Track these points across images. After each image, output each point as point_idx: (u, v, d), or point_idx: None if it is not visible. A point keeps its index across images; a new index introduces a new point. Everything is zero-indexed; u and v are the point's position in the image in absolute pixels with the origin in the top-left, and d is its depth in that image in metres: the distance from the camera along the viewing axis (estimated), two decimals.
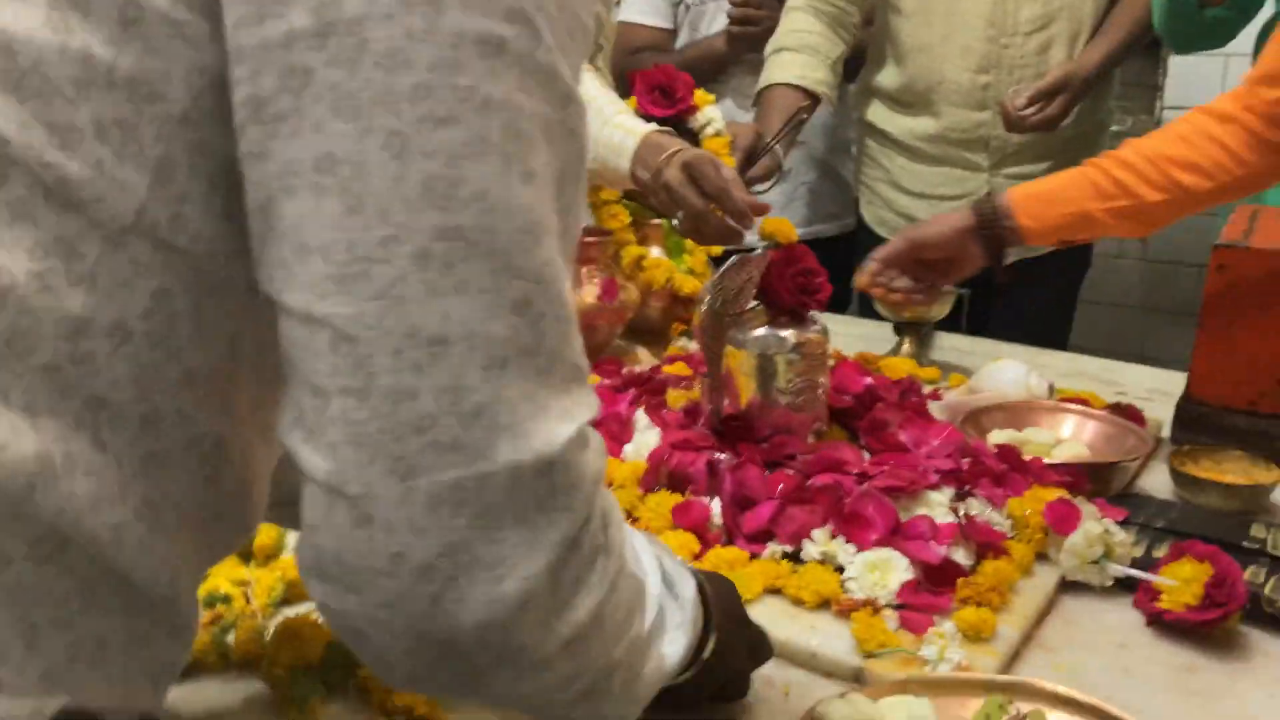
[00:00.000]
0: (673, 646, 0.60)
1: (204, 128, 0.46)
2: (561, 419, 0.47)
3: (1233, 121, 1.14)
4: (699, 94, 1.57)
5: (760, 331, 1.09)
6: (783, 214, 1.79)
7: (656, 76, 1.55)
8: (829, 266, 1.13)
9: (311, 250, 0.43)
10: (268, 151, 0.44)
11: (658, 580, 0.60)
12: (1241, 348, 1.22)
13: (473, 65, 0.44)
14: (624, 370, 1.38)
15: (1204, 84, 2.50)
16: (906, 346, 1.55)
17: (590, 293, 1.43)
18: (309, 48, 0.43)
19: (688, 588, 0.63)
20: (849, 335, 1.63)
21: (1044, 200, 1.29)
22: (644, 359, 1.50)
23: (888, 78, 1.86)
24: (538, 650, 0.48)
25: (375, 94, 0.42)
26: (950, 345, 1.68)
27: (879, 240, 1.63)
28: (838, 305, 1.88)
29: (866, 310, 1.67)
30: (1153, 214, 1.24)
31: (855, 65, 1.96)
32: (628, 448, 1.12)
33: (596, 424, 1.18)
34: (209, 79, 0.46)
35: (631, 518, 0.99)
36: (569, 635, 0.49)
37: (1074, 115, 1.76)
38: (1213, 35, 1.66)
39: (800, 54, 1.79)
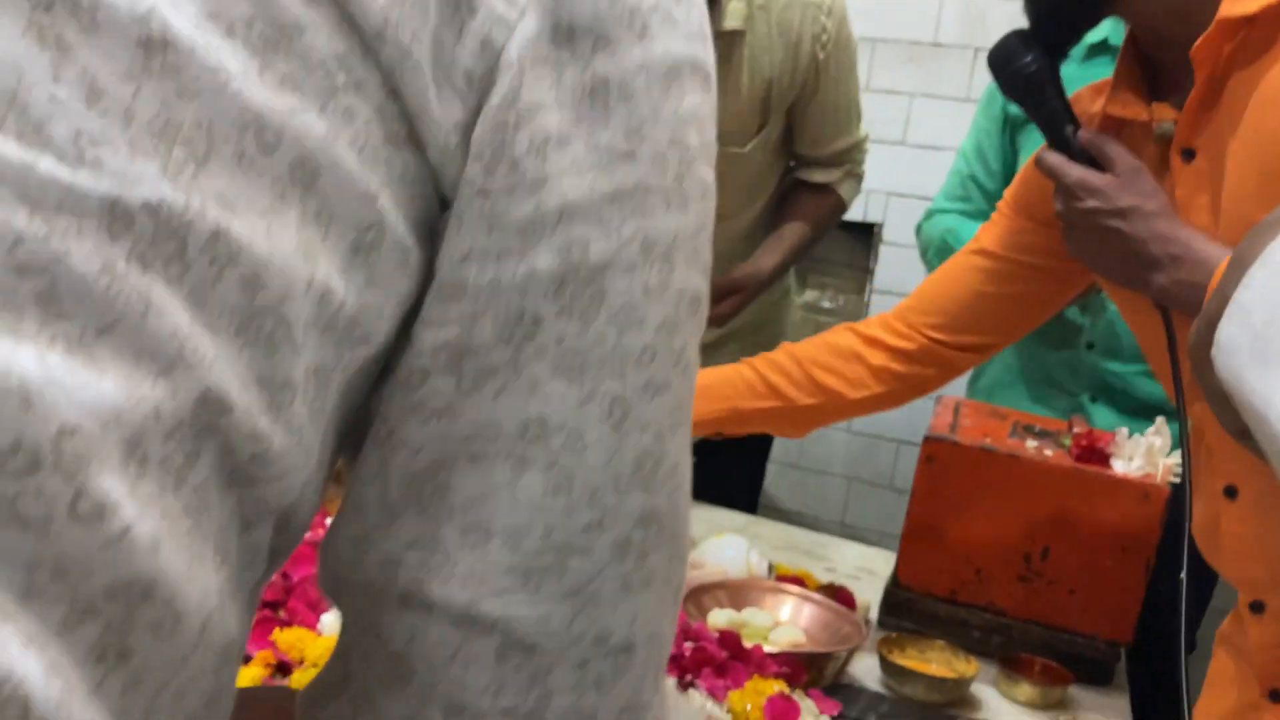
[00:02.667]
0: None
1: (367, 376, 0.35)
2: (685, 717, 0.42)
3: (877, 345, 1.23)
4: None
5: None
6: None
7: None
8: None
9: (494, 534, 0.34)
10: (455, 409, 0.34)
11: None
12: (945, 538, 1.27)
13: (685, 325, 0.38)
14: (328, 521, 1.26)
15: (907, 270, 2.72)
16: None
17: None
18: (545, 295, 0.35)
19: None
20: None
21: (699, 394, 1.31)
22: None
23: None
24: None
25: (604, 354, 0.35)
26: None
27: None
28: None
29: None
30: (801, 416, 1.29)
31: None
32: (325, 619, 1.01)
33: (294, 590, 1.06)
34: (401, 319, 0.35)
35: None
36: None
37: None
38: None
39: None
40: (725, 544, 1.30)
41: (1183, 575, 0.89)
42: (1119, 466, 1.24)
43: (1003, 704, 1.15)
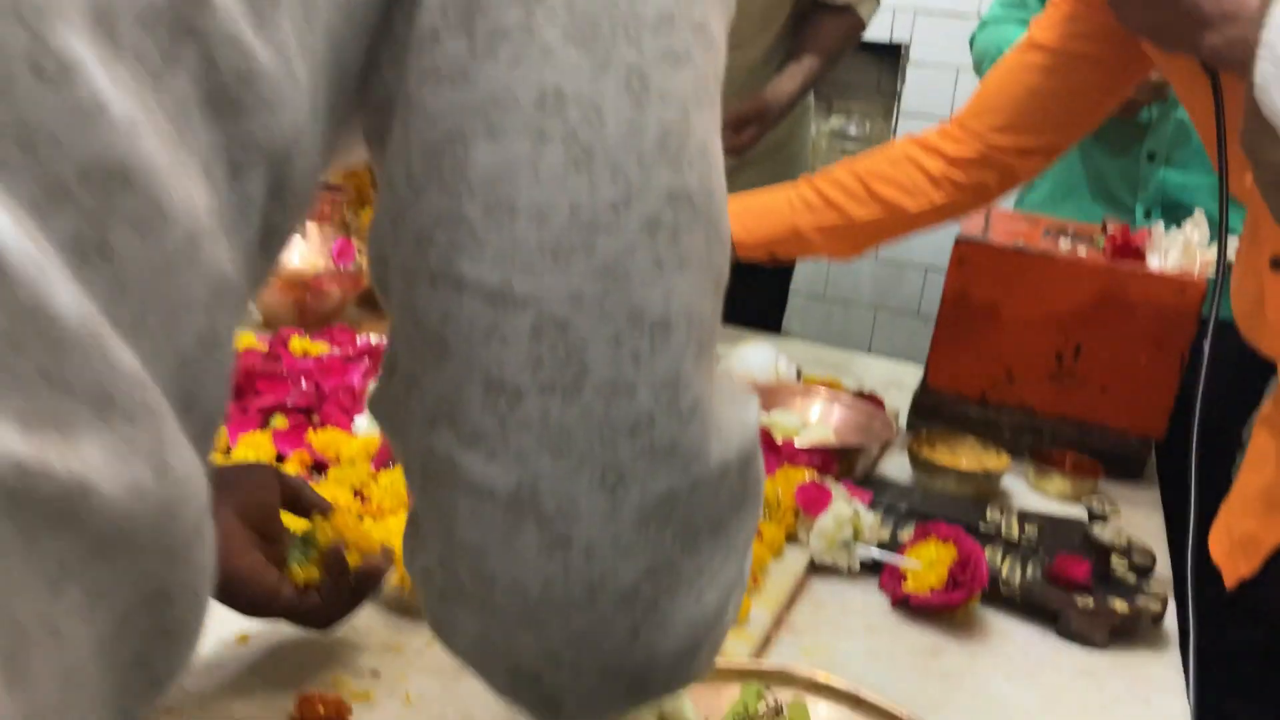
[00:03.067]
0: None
1: (363, 26, 0.34)
2: (738, 401, 0.41)
3: (935, 153, 1.21)
4: None
5: None
6: None
7: None
8: None
9: (518, 212, 0.34)
10: (469, 75, 0.33)
11: None
12: (975, 341, 1.26)
13: None
14: (357, 340, 1.27)
15: (937, 93, 2.64)
16: None
17: (323, 254, 1.31)
18: None
19: None
20: None
21: (755, 214, 1.30)
22: (379, 329, 1.39)
23: None
24: (713, 657, 0.42)
25: (617, 18, 0.34)
26: None
27: None
28: None
29: None
30: (860, 233, 1.26)
31: None
32: (359, 420, 1.02)
33: (326, 397, 1.07)
34: None
35: (362, 497, 0.89)
36: (726, 631, 0.44)
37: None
38: None
39: None
40: (752, 350, 1.30)
41: (1205, 343, 0.89)
42: (1154, 262, 1.21)
43: (1033, 497, 1.16)
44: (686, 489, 0.37)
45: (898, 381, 1.52)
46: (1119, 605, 0.87)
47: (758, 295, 1.90)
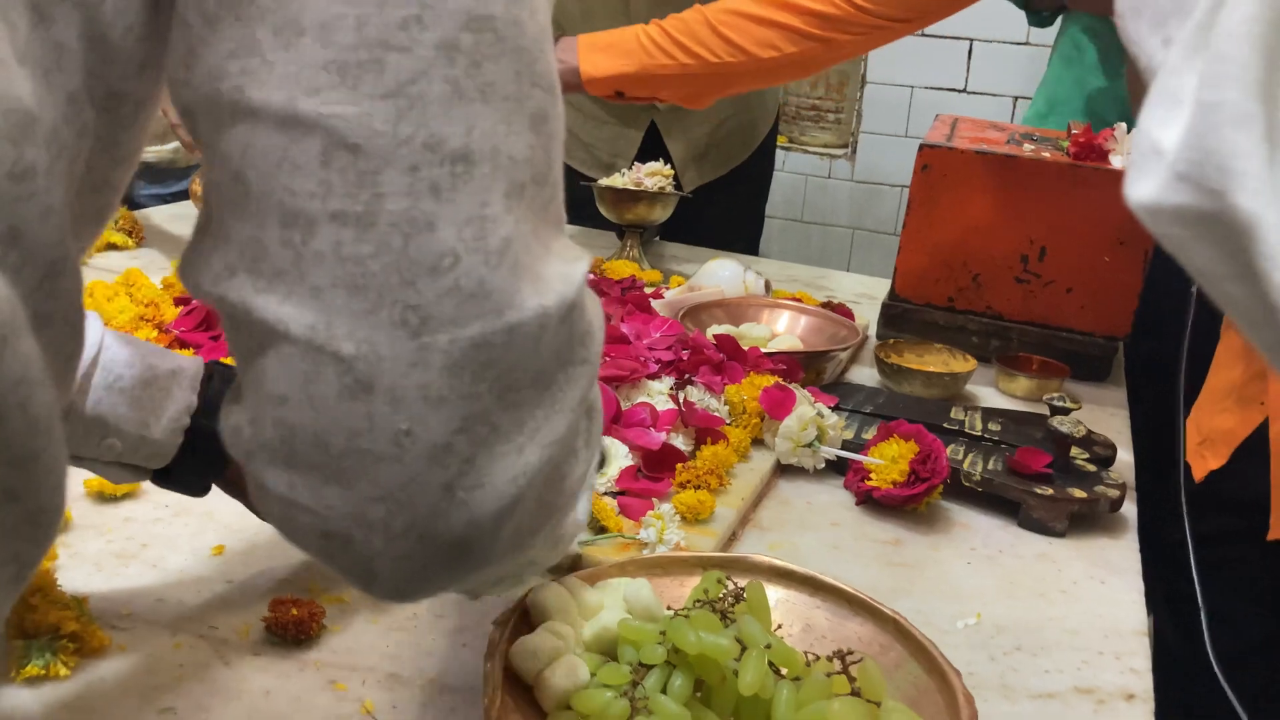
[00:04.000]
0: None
1: None
2: (568, 258, 0.39)
3: (790, 8, 1.22)
4: None
5: None
6: None
7: None
8: None
9: (304, 29, 0.33)
10: None
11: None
12: (941, 247, 1.27)
13: None
14: None
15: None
16: (630, 251, 1.53)
17: None
18: None
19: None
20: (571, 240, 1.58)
21: (603, 49, 1.28)
22: None
23: None
24: (540, 530, 0.41)
25: None
26: (670, 254, 1.68)
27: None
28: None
29: (584, 216, 1.62)
30: (710, 79, 1.26)
31: None
32: None
33: None
34: None
35: None
36: (564, 506, 0.42)
37: None
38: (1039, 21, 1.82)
39: None
40: (720, 265, 1.31)
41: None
42: (1117, 162, 1.22)
43: (1000, 399, 1.17)
44: (501, 336, 0.35)
45: (870, 294, 1.53)
46: (1077, 493, 0.89)
47: (731, 218, 1.91)
